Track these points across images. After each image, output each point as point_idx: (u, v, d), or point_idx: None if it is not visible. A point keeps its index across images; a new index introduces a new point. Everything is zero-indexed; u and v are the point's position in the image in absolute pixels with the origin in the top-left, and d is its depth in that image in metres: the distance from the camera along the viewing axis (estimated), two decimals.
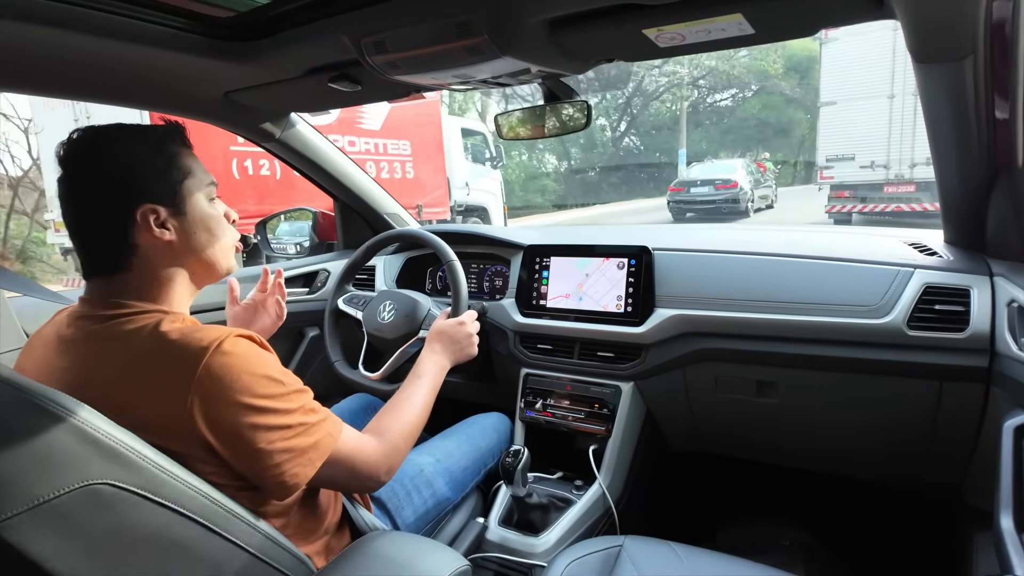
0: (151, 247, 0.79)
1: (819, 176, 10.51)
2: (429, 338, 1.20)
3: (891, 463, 1.29)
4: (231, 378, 0.71)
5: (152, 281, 0.80)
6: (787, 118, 26.15)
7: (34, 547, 0.57)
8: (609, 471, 1.36)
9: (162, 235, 0.79)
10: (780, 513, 1.64)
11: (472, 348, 1.23)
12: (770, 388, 1.30)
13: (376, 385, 1.40)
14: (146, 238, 0.78)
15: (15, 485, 0.56)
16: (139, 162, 0.78)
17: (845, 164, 10.09)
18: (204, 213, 0.84)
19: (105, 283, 0.79)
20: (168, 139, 0.82)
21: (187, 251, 0.83)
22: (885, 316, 1.15)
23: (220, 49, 1.07)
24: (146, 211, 0.78)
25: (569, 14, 0.88)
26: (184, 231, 0.82)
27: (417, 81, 1.09)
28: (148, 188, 0.78)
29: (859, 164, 9.91)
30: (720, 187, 13.43)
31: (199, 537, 0.68)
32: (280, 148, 1.68)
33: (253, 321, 1.22)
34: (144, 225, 0.78)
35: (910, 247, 1.29)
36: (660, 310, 1.37)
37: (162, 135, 0.81)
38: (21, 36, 0.93)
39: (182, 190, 0.81)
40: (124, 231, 0.77)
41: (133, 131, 0.80)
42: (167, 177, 0.80)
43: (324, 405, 0.85)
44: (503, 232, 1.70)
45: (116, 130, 0.79)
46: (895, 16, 0.84)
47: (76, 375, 0.74)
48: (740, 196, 13.38)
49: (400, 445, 0.93)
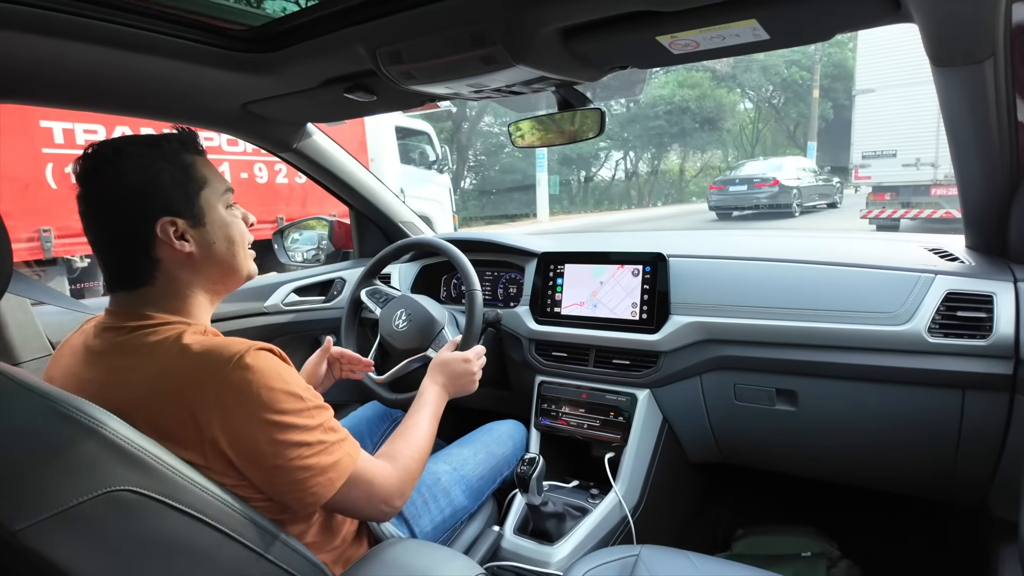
0: (172, 260, 0.80)
1: (854, 175, 9.27)
2: (433, 367, 1.19)
3: (914, 475, 1.26)
4: (251, 393, 0.71)
5: (175, 293, 0.81)
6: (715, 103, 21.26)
7: (57, 552, 0.57)
8: (625, 480, 1.35)
9: (182, 247, 0.79)
10: (801, 523, 1.62)
11: (472, 386, 1.21)
12: (789, 397, 1.28)
13: (378, 389, 1.41)
14: (167, 251, 0.79)
15: (40, 491, 0.57)
16: (156, 176, 0.78)
17: (884, 162, 8.76)
18: (222, 221, 0.84)
19: (129, 296, 0.80)
20: (183, 149, 0.82)
21: (207, 261, 0.83)
22: (905, 323, 1.14)
23: (238, 61, 1.09)
24: (165, 224, 0.78)
25: (583, 22, 0.89)
26: (204, 242, 0.82)
27: (431, 90, 1.10)
28: (166, 202, 0.78)
29: (901, 162, 8.57)
30: (758, 185, 12.75)
31: (219, 544, 0.69)
32: (296, 158, 1.70)
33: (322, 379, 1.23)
34: (164, 239, 0.78)
35: (931, 252, 1.28)
36: (676, 317, 1.36)
37: (176, 145, 0.81)
38: (45, 50, 0.95)
39: (200, 201, 0.81)
40: (145, 246, 0.78)
41: (148, 143, 0.79)
42: (185, 189, 0.80)
43: (341, 412, 0.85)
44: (517, 240, 1.70)
45: (131, 144, 0.79)
46: (912, 19, 0.83)
47: (102, 386, 0.75)
48: (782, 195, 12.68)
49: (413, 471, 0.93)
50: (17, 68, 1.01)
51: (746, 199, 12.80)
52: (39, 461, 0.58)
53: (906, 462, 1.24)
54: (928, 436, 1.17)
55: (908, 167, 8.54)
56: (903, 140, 8.52)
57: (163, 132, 0.84)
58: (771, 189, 12.55)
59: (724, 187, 13.40)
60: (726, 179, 13.75)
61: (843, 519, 1.64)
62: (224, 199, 0.86)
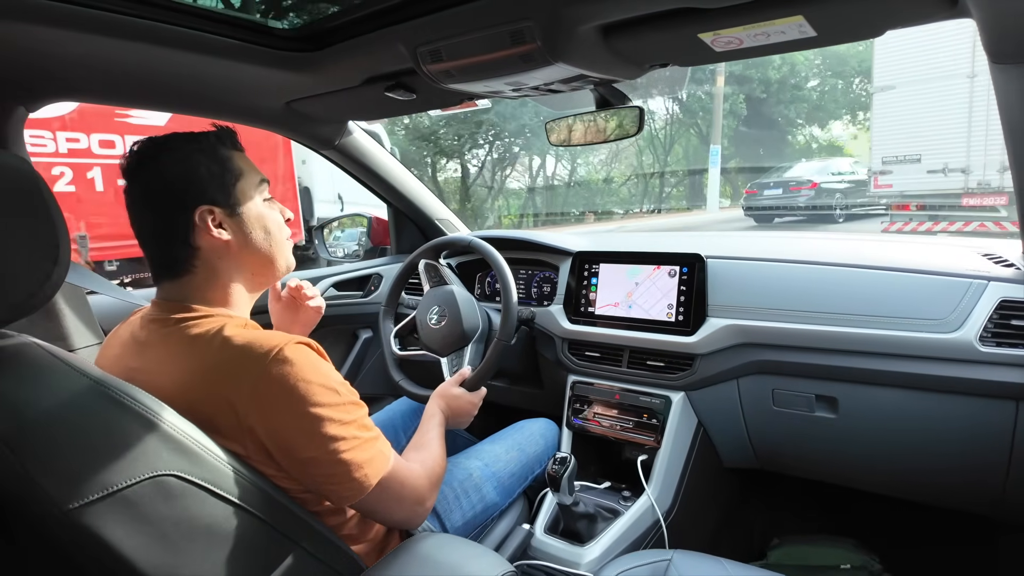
0: (210, 248, 0.83)
1: (873, 183, 8.19)
2: (442, 394, 1.23)
3: (961, 488, 1.21)
4: (289, 385, 0.73)
5: (215, 283, 0.84)
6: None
7: (107, 531, 0.60)
8: (658, 483, 1.34)
9: (220, 235, 0.82)
10: (839, 534, 1.57)
11: (465, 425, 1.27)
12: (830, 403, 1.24)
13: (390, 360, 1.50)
14: (205, 239, 0.82)
15: (92, 472, 0.60)
16: (195, 167, 0.82)
17: (908, 168, 7.69)
18: (259, 212, 0.87)
19: (172, 287, 0.83)
20: (220, 143, 0.85)
21: (245, 250, 0.86)
22: (955, 331, 1.09)
23: (282, 60, 1.12)
24: (203, 212, 0.81)
25: (623, 19, 0.88)
26: (241, 231, 0.85)
27: (470, 89, 1.10)
28: (204, 191, 0.82)
29: (927, 168, 7.50)
30: (794, 188, 11.60)
31: (256, 531, 0.71)
32: (337, 155, 1.73)
33: (296, 319, 1.22)
34: (203, 226, 0.81)
35: (984, 258, 1.22)
36: (713, 319, 1.33)
37: (214, 140, 0.85)
38: (98, 49, 0.99)
39: (236, 191, 0.85)
40: (185, 234, 0.81)
41: (188, 138, 0.84)
42: (222, 179, 0.84)
43: (375, 406, 0.87)
44: (552, 238, 1.70)
45: (172, 139, 0.83)
46: (970, 15, 0.80)
47: (148, 375, 0.77)
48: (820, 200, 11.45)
49: (439, 477, 0.96)
50: (71, 66, 1.06)
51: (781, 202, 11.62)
52: (92, 444, 0.61)
53: (953, 475, 1.19)
54: (977, 449, 1.12)
55: (934, 174, 7.47)
56: (929, 143, 7.48)
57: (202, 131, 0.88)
58: (808, 192, 11.35)
59: (759, 191, 12.33)
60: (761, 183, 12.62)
61: (884, 531, 1.58)
62: (261, 191, 0.89)
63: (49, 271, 0.61)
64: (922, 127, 7.54)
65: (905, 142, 7.75)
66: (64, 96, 1.18)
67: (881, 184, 8.03)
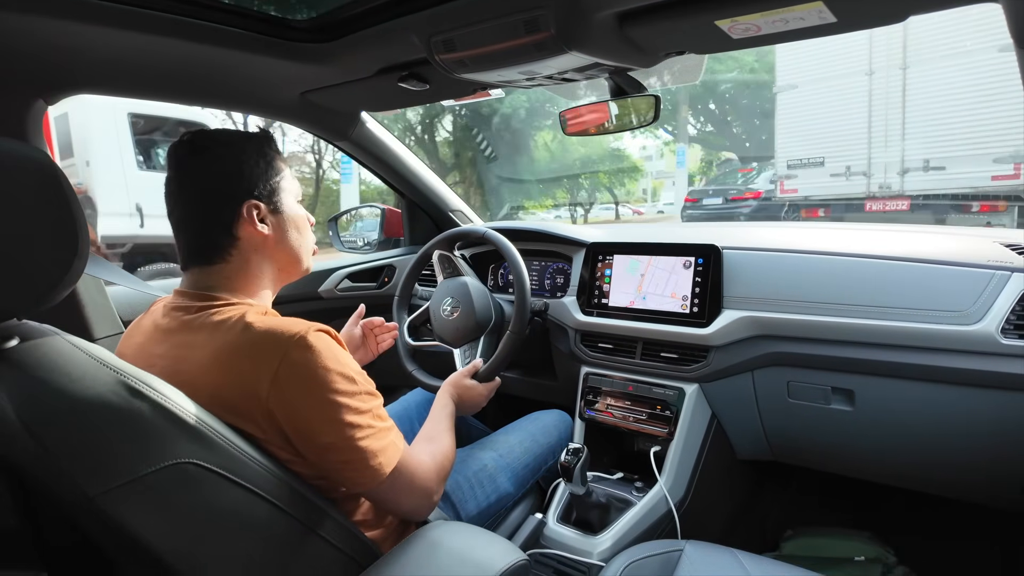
0: (249, 240, 0.86)
1: (779, 188, 7.75)
2: (454, 384, 1.25)
3: (980, 482, 1.20)
4: (309, 371, 0.75)
5: (245, 273, 0.87)
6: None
7: (128, 517, 0.61)
8: (671, 474, 1.34)
9: (262, 229, 0.86)
10: (854, 526, 1.56)
11: (475, 411, 1.30)
12: (846, 396, 1.23)
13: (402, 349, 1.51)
14: (247, 231, 0.86)
15: (114, 459, 0.61)
16: (246, 163, 0.86)
17: (813, 172, 7.34)
18: (295, 212, 0.92)
19: (202, 274, 0.86)
20: (266, 144, 0.90)
21: (279, 246, 0.90)
22: (976, 322, 1.07)
23: (297, 51, 1.12)
24: (251, 206, 0.85)
25: (638, 7, 0.87)
26: (279, 227, 0.89)
27: (484, 79, 1.10)
28: (253, 186, 0.86)
29: (830, 171, 7.23)
30: (735, 198, 9.85)
31: (273, 518, 0.72)
32: (351, 147, 1.74)
33: (357, 348, 1.31)
34: (248, 219, 0.85)
35: (1006, 248, 1.20)
36: (728, 311, 1.32)
37: (263, 140, 0.90)
38: (116, 43, 1.00)
39: (279, 190, 0.90)
40: (229, 224, 0.85)
41: (241, 136, 0.89)
42: (267, 177, 0.88)
43: (390, 396, 0.88)
44: (566, 229, 1.69)
45: (224, 133, 0.88)
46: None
47: (170, 362, 0.79)
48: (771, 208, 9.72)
49: (447, 470, 0.97)
50: (89, 60, 1.07)
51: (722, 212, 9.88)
52: (114, 432, 0.62)
53: (973, 469, 1.18)
54: (999, 443, 1.10)
55: (837, 177, 7.16)
56: (831, 145, 7.19)
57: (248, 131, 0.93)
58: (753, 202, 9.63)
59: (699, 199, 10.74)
60: (700, 191, 11.23)
61: (900, 523, 1.57)
62: (296, 194, 0.94)
63: (69, 262, 0.62)
64: (825, 128, 7.29)
65: (809, 144, 7.45)
66: (82, 89, 1.20)
67: (787, 189, 7.72)
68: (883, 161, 6.74)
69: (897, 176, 6.65)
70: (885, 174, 6.78)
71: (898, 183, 6.66)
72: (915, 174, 6.56)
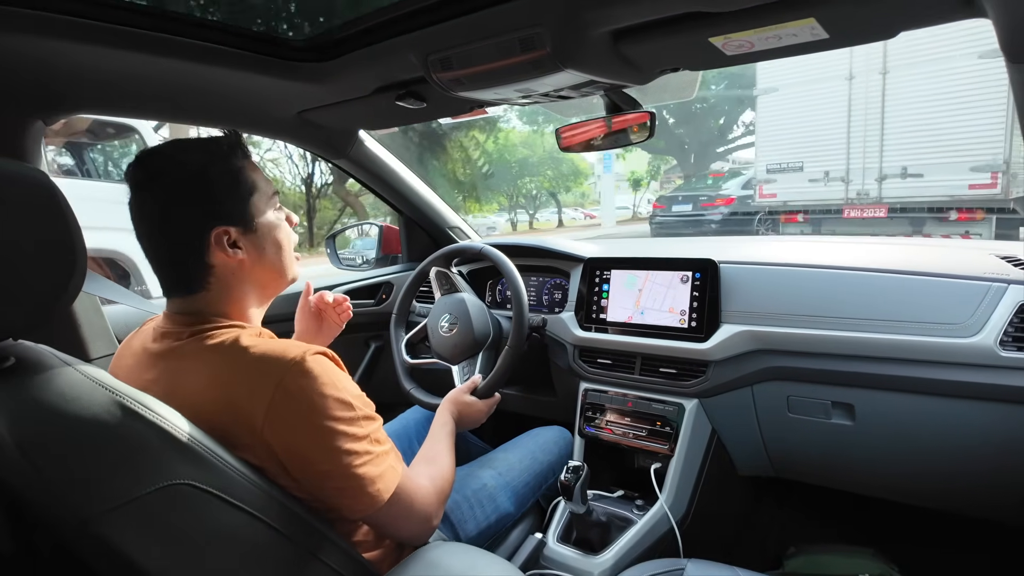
0: (225, 267, 0.81)
1: (758, 193, 7.66)
2: (453, 401, 1.23)
3: (983, 496, 1.19)
4: (305, 398, 0.73)
5: (228, 298, 0.83)
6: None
7: (122, 541, 0.60)
8: (672, 491, 1.32)
9: (235, 255, 0.81)
10: (854, 541, 1.54)
11: (475, 427, 1.27)
12: (846, 410, 1.23)
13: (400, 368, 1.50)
14: (220, 259, 0.80)
15: (110, 481, 0.60)
16: (211, 183, 0.79)
17: (792, 177, 7.26)
18: (271, 226, 0.86)
19: (185, 302, 0.82)
20: (232, 153, 0.82)
21: (257, 267, 0.85)
22: (974, 335, 1.07)
23: (294, 70, 1.13)
24: (219, 234, 0.79)
25: (633, 24, 0.88)
26: (253, 248, 0.83)
27: (480, 97, 1.11)
28: (218, 209, 0.80)
29: (808, 177, 7.18)
30: (706, 205, 9.48)
31: (270, 540, 0.71)
32: (349, 164, 1.74)
33: (320, 329, 1.24)
34: (218, 246, 0.80)
35: (1003, 260, 1.20)
36: (727, 326, 1.32)
37: (227, 150, 0.82)
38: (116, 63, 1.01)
39: (251, 207, 0.83)
40: (200, 253, 0.79)
41: (201, 148, 0.80)
42: (236, 195, 0.81)
43: (388, 415, 0.86)
44: (563, 245, 1.69)
45: (184, 150, 0.80)
46: (986, 14, 0.79)
47: (162, 387, 0.77)
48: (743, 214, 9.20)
49: (446, 492, 0.95)
50: (88, 80, 1.07)
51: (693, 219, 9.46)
52: (108, 453, 0.61)
53: (975, 482, 1.17)
54: (1000, 455, 1.10)
55: (816, 183, 7.10)
56: (810, 150, 7.13)
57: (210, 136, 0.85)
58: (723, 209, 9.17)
59: (667, 205, 10.35)
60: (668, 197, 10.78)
61: (904, 540, 1.55)
62: (272, 202, 0.87)
63: (66, 281, 0.62)
64: (804, 133, 7.22)
65: (789, 149, 7.37)
66: (81, 109, 1.20)
67: (766, 194, 7.65)
68: (862, 167, 6.74)
69: (875, 182, 6.66)
70: (863, 180, 6.79)
71: (876, 189, 6.66)
72: (893, 181, 6.57)
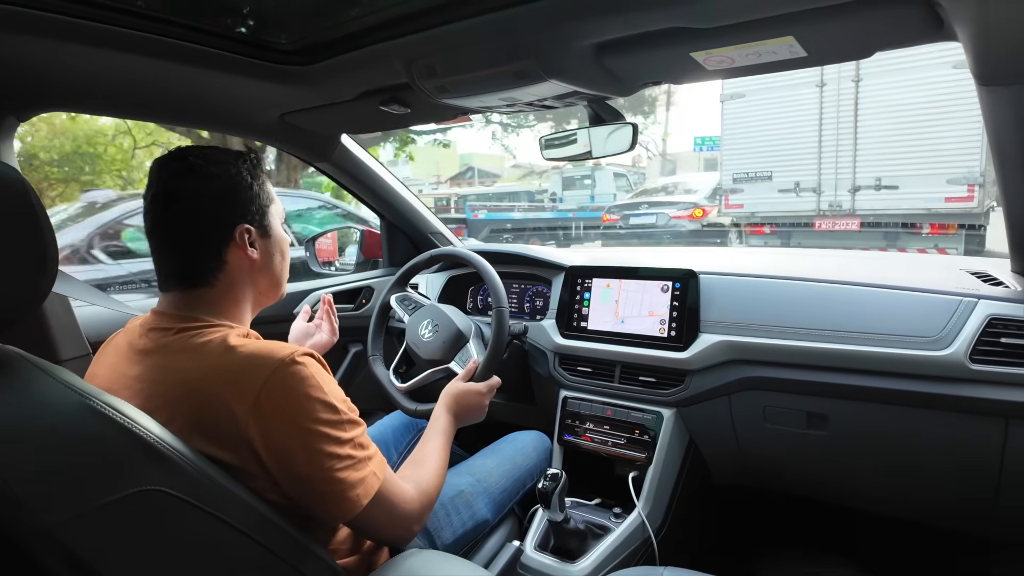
0: (237, 264, 0.84)
1: (724, 203, 7.36)
2: (448, 395, 1.19)
3: (952, 505, 1.21)
4: (291, 398, 0.73)
5: (229, 297, 0.85)
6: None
7: (87, 549, 0.58)
8: (649, 500, 1.33)
9: (251, 254, 0.85)
10: (826, 550, 1.56)
11: (481, 417, 1.22)
12: (820, 420, 1.24)
13: (399, 397, 1.44)
14: (236, 255, 0.84)
15: (74, 488, 0.59)
16: (240, 184, 0.84)
17: (759, 186, 6.94)
18: (281, 236, 0.91)
19: (183, 296, 0.82)
20: (256, 166, 0.88)
21: (263, 271, 0.88)
22: (945, 348, 1.10)
23: (278, 73, 1.12)
24: (243, 230, 0.84)
25: (617, 38, 0.89)
26: (266, 252, 0.88)
27: (464, 104, 1.11)
28: (245, 209, 0.84)
29: (778, 187, 6.85)
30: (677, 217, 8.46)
31: (241, 547, 0.69)
32: (331, 168, 1.73)
33: (312, 337, 1.28)
34: (240, 243, 0.83)
35: (973, 276, 1.23)
36: (705, 335, 1.33)
37: (254, 162, 0.88)
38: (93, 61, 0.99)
39: (268, 214, 0.88)
40: (219, 247, 0.83)
41: (234, 155, 0.86)
42: (258, 201, 0.87)
43: (367, 420, 0.86)
44: (545, 253, 1.70)
45: (217, 152, 0.85)
46: (956, 37, 0.81)
47: (147, 384, 0.76)
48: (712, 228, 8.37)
49: (432, 497, 0.94)
50: (65, 78, 1.05)
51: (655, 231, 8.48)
52: (75, 458, 0.60)
53: (943, 492, 1.19)
54: (967, 465, 1.12)
55: (786, 193, 6.78)
56: (779, 159, 6.80)
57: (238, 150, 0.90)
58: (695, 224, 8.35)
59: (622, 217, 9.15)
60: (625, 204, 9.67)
61: (872, 547, 1.58)
62: (281, 216, 0.92)
63: (36, 281, 0.61)
64: (773, 141, 6.89)
65: (756, 157, 7.02)
66: (56, 107, 1.18)
67: (732, 204, 7.31)
68: (834, 178, 6.51)
69: (848, 194, 6.45)
70: (836, 191, 6.57)
71: (849, 201, 6.46)
72: (867, 192, 6.36)
